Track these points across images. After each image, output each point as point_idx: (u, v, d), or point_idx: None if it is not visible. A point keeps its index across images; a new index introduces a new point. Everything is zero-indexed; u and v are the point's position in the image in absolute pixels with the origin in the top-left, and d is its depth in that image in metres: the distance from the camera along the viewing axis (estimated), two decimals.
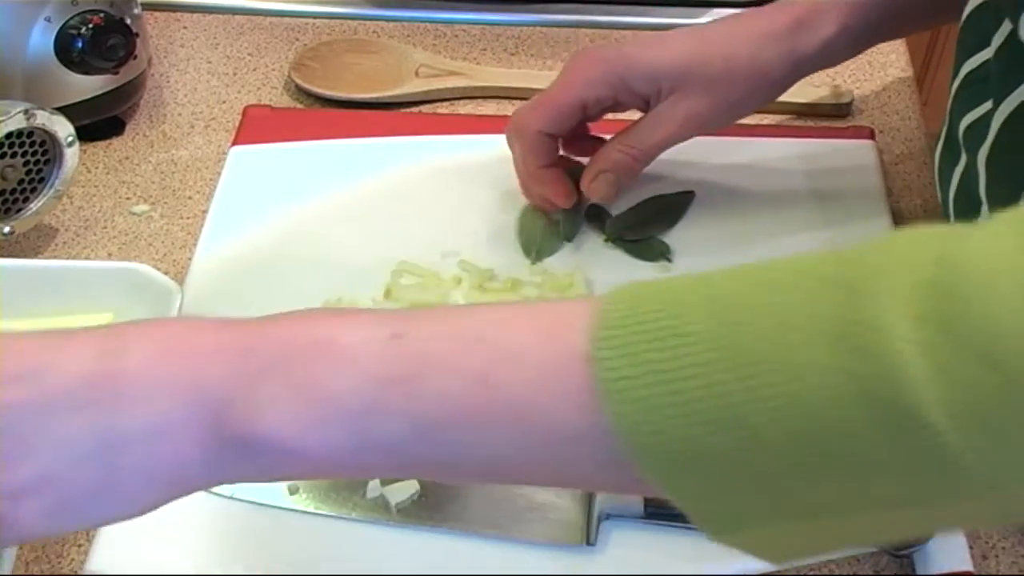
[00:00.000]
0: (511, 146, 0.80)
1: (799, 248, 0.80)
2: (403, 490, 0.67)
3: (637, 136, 0.78)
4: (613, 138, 0.79)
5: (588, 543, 0.65)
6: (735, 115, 0.78)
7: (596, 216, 0.83)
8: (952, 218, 0.73)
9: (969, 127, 0.70)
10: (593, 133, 0.82)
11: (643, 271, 0.80)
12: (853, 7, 0.76)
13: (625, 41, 0.78)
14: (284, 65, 0.98)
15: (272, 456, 0.46)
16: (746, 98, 0.77)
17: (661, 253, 0.80)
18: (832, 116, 0.93)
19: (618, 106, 0.78)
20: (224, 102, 0.95)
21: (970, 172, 0.69)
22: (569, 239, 0.81)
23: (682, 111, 0.76)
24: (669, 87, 0.76)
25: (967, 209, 0.70)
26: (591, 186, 0.80)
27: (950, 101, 0.74)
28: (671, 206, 0.84)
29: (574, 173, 0.80)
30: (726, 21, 0.78)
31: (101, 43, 0.85)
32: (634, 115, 0.79)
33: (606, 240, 0.82)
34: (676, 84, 0.76)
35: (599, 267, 0.80)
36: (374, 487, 0.67)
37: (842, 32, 0.76)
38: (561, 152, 0.81)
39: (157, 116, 0.93)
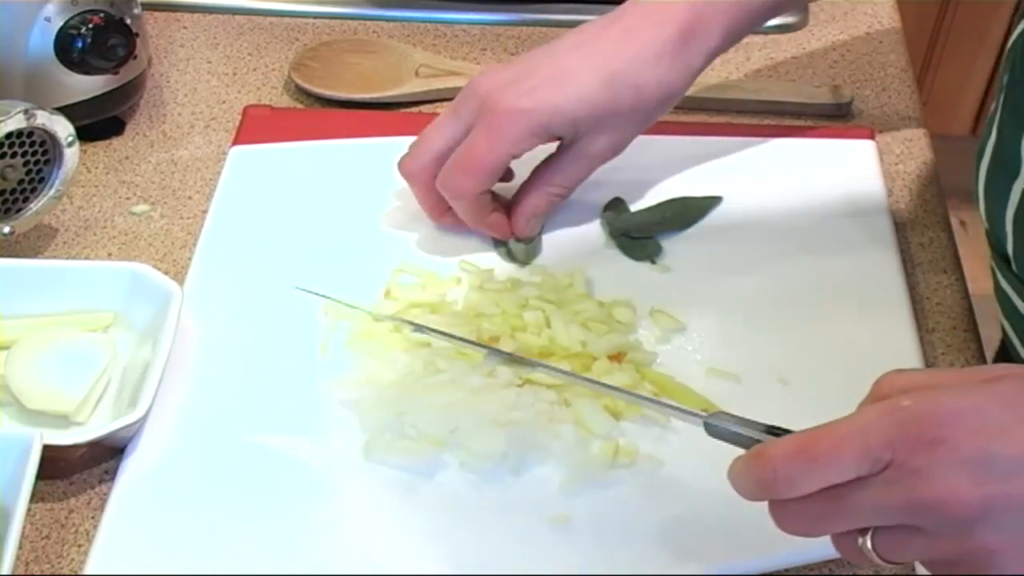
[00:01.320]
0: (453, 205, 0.79)
1: (799, 248, 0.81)
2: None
3: (560, 176, 0.79)
4: (535, 180, 0.80)
5: None
6: (643, 131, 0.80)
7: (612, 207, 0.83)
8: (1011, 238, 0.72)
9: None
10: None
11: (643, 272, 0.80)
12: (735, 15, 0.78)
13: (529, 76, 0.76)
14: (284, 65, 0.98)
15: None
16: (654, 117, 0.79)
17: (649, 255, 0.80)
18: (832, 116, 0.93)
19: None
20: (224, 102, 0.95)
21: None
22: (526, 263, 0.81)
23: (601, 146, 0.78)
24: (585, 128, 0.77)
25: None
26: (524, 228, 0.80)
27: (997, 115, 0.73)
28: (692, 209, 0.84)
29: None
30: (619, 41, 0.77)
31: (101, 43, 0.85)
32: None
33: (610, 234, 0.82)
34: (591, 124, 0.77)
35: (599, 267, 0.80)
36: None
37: (725, 39, 0.78)
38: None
39: (157, 116, 0.93)
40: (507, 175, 0.80)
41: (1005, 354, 0.84)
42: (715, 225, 0.83)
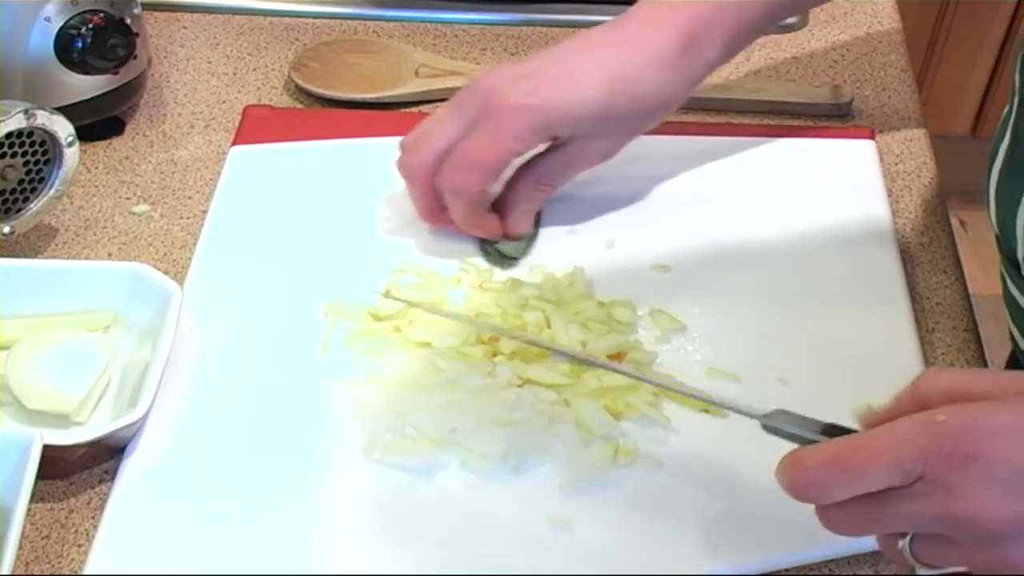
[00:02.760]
0: (449, 201, 0.78)
1: (799, 248, 0.81)
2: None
3: (550, 174, 0.80)
4: (523, 177, 0.80)
5: None
6: (635, 137, 0.80)
7: None
8: (1021, 242, 0.72)
9: None
10: None
11: (643, 272, 0.80)
12: (736, 31, 0.78)
13: (531, 76, 0.76)
14: (284, 65, 0.98)
15: None
16: (650, 125, 0.80)
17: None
18: (832, 116, 0.93)
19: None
20: (224, 102, 0.95)
21: None
22: (517, 259, 0.81)
23: (594, 149, 0.79)
24: (583, 130, 0.77)
25: None
26: (517, 226, 0.80)
27: (1012, 117, 0.73)
28: None
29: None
30: (621, 48, 0.77)
31: (101, 43, 0.85)
32: None
33: None
34: (589, 127, 0.77)
35: (599, 267, 0.80)
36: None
37: (725, 51, 0.79)
38: None
39: (157, 116, 0.93)
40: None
41: (1015, 363, 0.84)
42: (715, 225, 0.83)
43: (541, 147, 0.79)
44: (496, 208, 0.80)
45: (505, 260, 0.81)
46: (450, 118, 0.78)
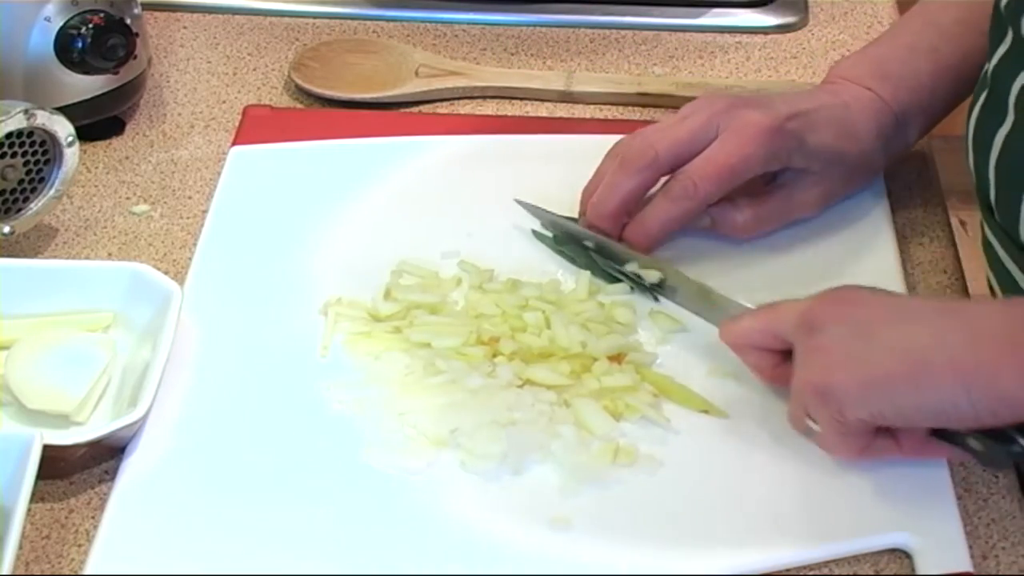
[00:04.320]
0: (661, 205, 0.77)
1: (798, 248, 0.81)
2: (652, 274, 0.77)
3: (767, 213, 0.80)
4: (739, 208, 0.79)
5: None
6: (837, 197, 0.82)
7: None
8: (993, 185, 0.73)
9: None
10: None
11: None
12: (931, 113, 0.83)
13: (776, 105, 0.78)
14: (284, 65, 0.98)
15: None
16: (859, 186, 0.83)
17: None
18: None
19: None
20: (224, 102, 0.95)
21: (1020, 134, 0.71)
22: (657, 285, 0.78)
23: (814, 195, 0.81)
24: (814, 169, 0.79)
25: (1014, 174, 0.71)
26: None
27: (992, 64, 0.74)
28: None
29: None
30: (849, 106, 0.80)
31: (101, 43, 0.85)
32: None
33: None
34: (819, 167, 0.79)
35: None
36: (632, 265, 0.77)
37: (919, 134, 0.84)
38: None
39: (157, 116, 0.93)
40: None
41: None
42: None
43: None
44: None
45: (643, 287, 0.78)
46: (688, 126, 0.78)
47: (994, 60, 0.74)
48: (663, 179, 0.78)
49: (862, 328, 0.64)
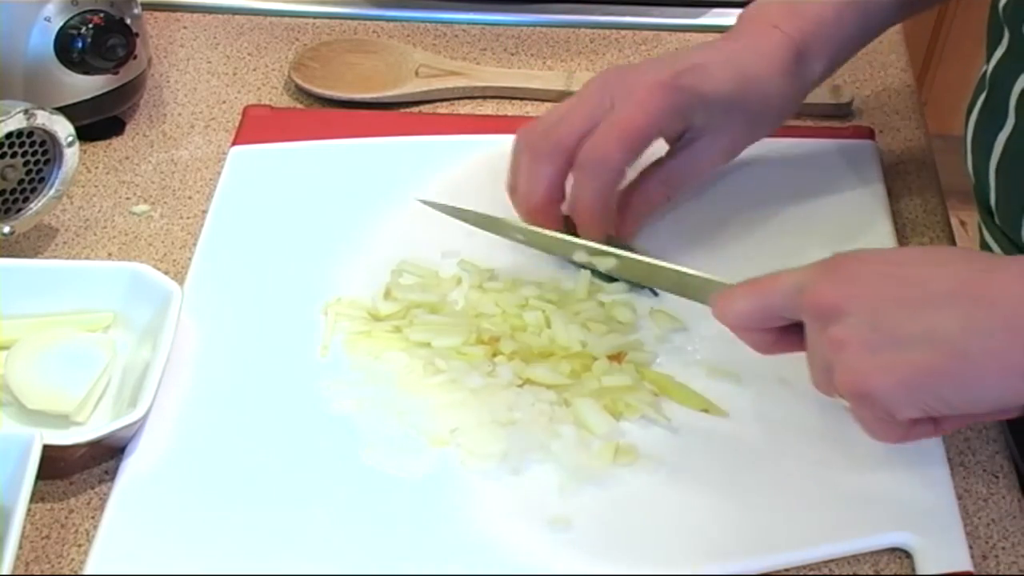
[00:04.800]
0: (581, 183, 0.75)
1: (799, 249, 0.81)
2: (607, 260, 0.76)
3: (678, 173, 0.78)
4: (650, 176, 0.79)
5: None
6: (750, 142, 0.81)
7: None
8: (993, 188, 0.73)
9: None
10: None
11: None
12: (837, 44, 0.80)
13: (668, 64, 0.76)
14: (284, 65, 0.98)
15: None
16: (766, 131, 0.80)
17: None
18: (832, 116, 0.93)
19: (665, 136, 0.78)
20: (224, 102, 0.95)
21: (1021, 137, 0.70)
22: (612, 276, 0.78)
23: (719, 147, 0.78)
24: (714, 123, 0.77)
25: (1015, 177, 0.70)
26: (628, 225, 0.79)
27: (991, 66, 0.74)
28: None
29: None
30: (746, 51, 0.78)
31: (101, 43, 0.85)
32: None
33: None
34: (720, 120, 0.77)
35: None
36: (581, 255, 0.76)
37: (827, 68, 0.81)
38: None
39: (157, 116, 0.93)
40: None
41: None
42: (713, 225, 0.83)
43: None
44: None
45: (600, 277, 0.78)
46: (584, 103, 0.76)
47: (992, 62, 0.74)
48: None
49: (879, 317, 0.60)
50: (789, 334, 0.66)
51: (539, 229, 0.77)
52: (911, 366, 0.59)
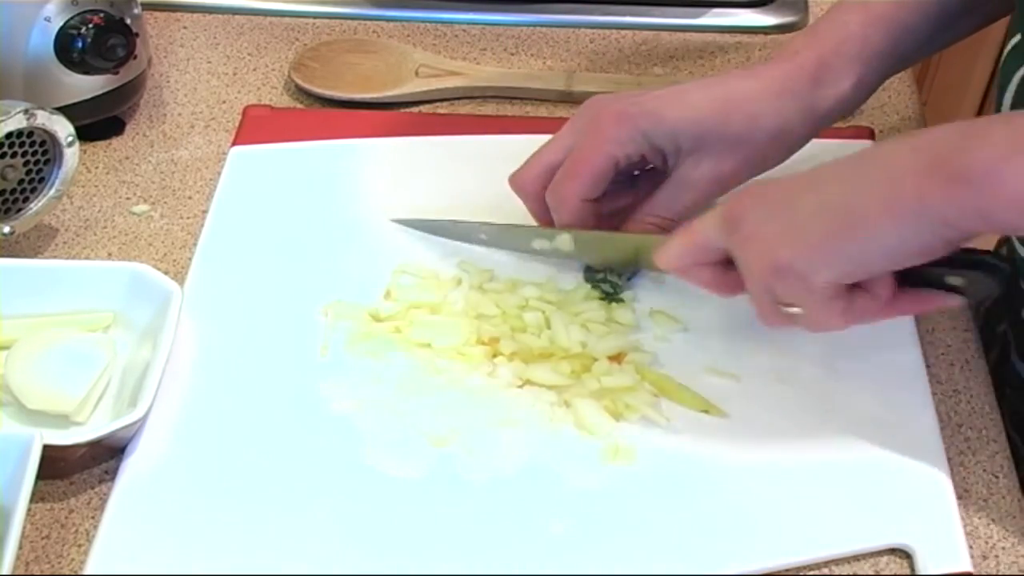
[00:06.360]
0: (555, 215, 0.77)
1: None
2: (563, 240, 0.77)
3: (663, 205, 0.77)
4: (641, 208, 0.78)
5: None
6: (758, 172, 0.77)
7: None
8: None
9: None
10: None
11: (643, 273, 0.80)
12: (866, 61, 0.77)
13: (643, 94, 0.76)
14: (284, 65, 0.98)
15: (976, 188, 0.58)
16: (769, 157, 0.77)
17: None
18: None
19: (645, 162, 0.77)
20: (224, 102, 0.95)
21: None
22: (617, 292, 0.78)
23: (704, 173, 0.76)
24: (689, 146, 0.75)
25: None
26: None
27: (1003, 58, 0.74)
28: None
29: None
30: (742, 77, 0.77)
31: (101, 43, 0.85)
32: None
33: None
34: (696, 143, 0.75)
35: None
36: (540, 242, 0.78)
37: (857, 86, 0.77)
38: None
39: (157, 116, 0.93)
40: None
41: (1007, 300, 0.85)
42: None
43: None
44: None
45: (607, 294, 0.78)
46: (562, 136, 0.77)
47: (1003, 55, 0.74)
48: None
49: (781, 203, 0.65)
50: (735, 271, 0.68)
51: (495, 222, 0.79)
52: (813, 234, 0.64)
